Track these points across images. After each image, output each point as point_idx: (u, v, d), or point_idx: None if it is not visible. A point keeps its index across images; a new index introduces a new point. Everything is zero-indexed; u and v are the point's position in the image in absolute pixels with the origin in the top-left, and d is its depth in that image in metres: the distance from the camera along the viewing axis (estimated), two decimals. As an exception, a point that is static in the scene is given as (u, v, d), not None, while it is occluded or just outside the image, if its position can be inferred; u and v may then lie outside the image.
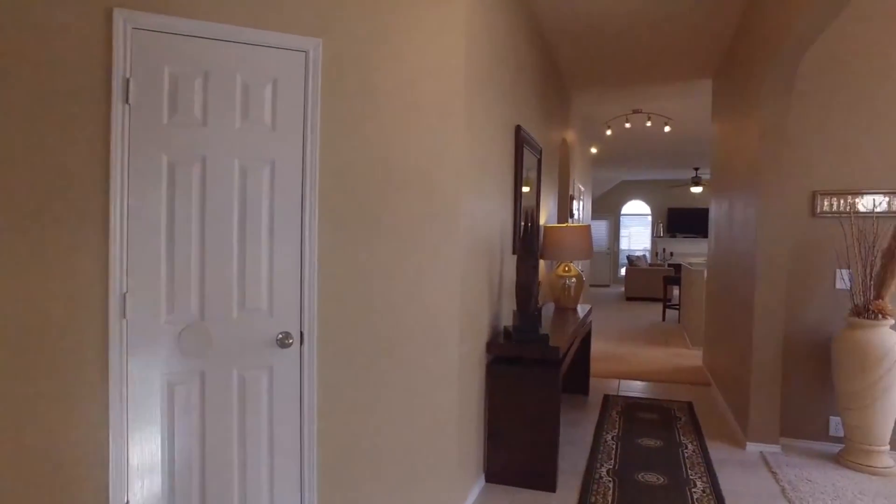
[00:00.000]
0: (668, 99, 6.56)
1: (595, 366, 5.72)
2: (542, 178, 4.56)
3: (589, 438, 3.79)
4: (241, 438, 2.23)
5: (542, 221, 4.58)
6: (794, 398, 3.73)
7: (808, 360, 3.73)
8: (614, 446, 3.64)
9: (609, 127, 7.67)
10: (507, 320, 3.45)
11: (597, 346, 6.81)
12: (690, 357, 6.41)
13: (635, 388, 5.13)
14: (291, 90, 2.23)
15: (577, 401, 4.64)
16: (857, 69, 3.63)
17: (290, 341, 2.25)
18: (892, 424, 3.36)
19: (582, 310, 4.33)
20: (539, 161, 4.35)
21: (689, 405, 4.55)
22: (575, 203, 7.34)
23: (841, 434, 3.65)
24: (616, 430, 3.93)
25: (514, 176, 3.57)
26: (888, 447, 3.38)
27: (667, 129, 7.43)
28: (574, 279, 4.24)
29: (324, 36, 2.29)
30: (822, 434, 3.71)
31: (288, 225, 2.25)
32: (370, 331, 2.43)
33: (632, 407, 4.48)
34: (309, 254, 2.28)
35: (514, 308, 3.11)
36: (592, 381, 5.15)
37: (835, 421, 3.68)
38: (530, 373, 2.93)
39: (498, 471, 3.03)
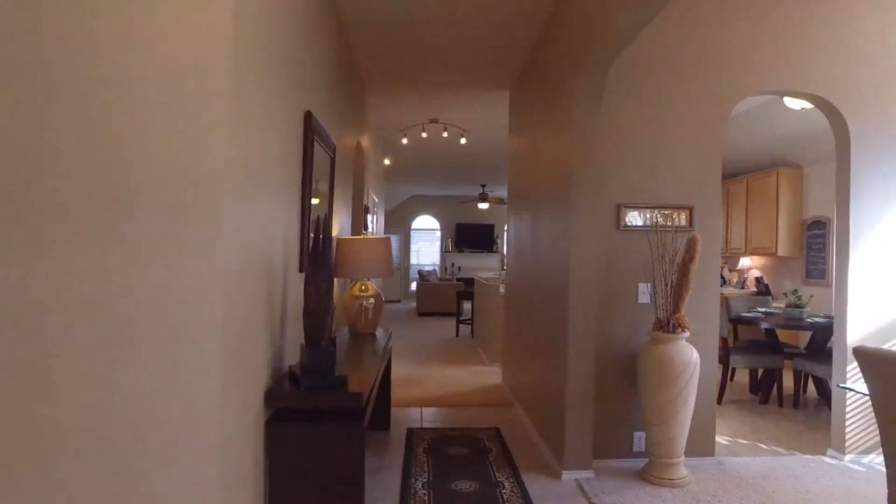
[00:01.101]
0: (466, 109, 6.40)
1: (395, 392, 5.19)
2: (336, 182, 3.87)
3: (397, 489, 3.19)
4: None
5: (334, 234, 3.89)
6: (603, 417, 3.58)
7: (616, 377, 3.62)
8: (426, 496, 3.09)
9: (405, 135, 7.31)
10: (292, 357, 2.67)
11: (395, 369, 6.31)
12: (489, 375, 6.25)
13: (439, 417, 4.69)
14: None
15: (378, 439, 4.02)
16: (659, 79, 3.65)
17: None
18: (687, 434, 3.36)
19: (382, 334, 3.73)
20: (332, 161, 3.67)
21: (498, 432, 4.23)
22: (369, 216, 6.80)
23: (643, 449, 3.58)
24: (426, 475, 3.38)
25: (303, 172, 2.83)
26: (683, 457, 3.38)
27: (463, 140, 7.31)
28: (372, 300, 3.62)
29: None
30: (627, 451, 3.62)
31: None
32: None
33: (439, 441, 4.00)
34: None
35: (303, 341, 2.37)
36: (394, 412, 4.58)
37: (638, 436, 3.61)
38: (325, 431, 2.21)
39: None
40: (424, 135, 7.23)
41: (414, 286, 14.40)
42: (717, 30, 3.71)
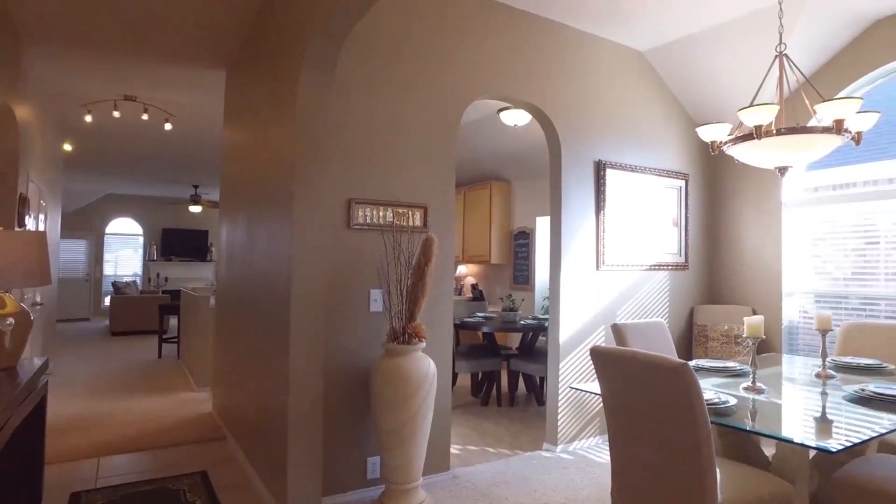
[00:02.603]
0: (172, 89, 5.35)
1: (57, 445, 3.93)
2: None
3: None
4: None
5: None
6: (334, 445, 3.11)
7: (347, 396, 3.19)
8: None
9: (90, 112, 5.84)
10: None
11: (61, 412, 4.88)
12: (197, 402, 5.27)
13: (126, 467, 3.65)
14: None
15: (22, 516, 2.86)
16: (395, 72, 3.37)
17: None
18: (425, 454, 3.12)
19: (27, 368, 2.64)
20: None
21: (205, 477, 3.42)
22: (31, 213, 5.20)
23: (378, 475, 3.23)
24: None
25: None
26: (421, 479, 3.12)
27: (168, 126, 6.15)
28: (11, 320, 2.53)
29: None
30: (361, 480, 3.22)
31: None
32: None
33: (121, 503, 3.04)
34: None
35: None
36: (53, 472, 3.40)
37: (372, 462, 3.24)
38: None
39: None
40: (117, 114, 5.87)
41: (108, 301, 12.02)
42: (452, 32, 3.62)
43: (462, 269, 8.72)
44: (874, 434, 1.99)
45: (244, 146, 4.09)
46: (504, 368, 5.63)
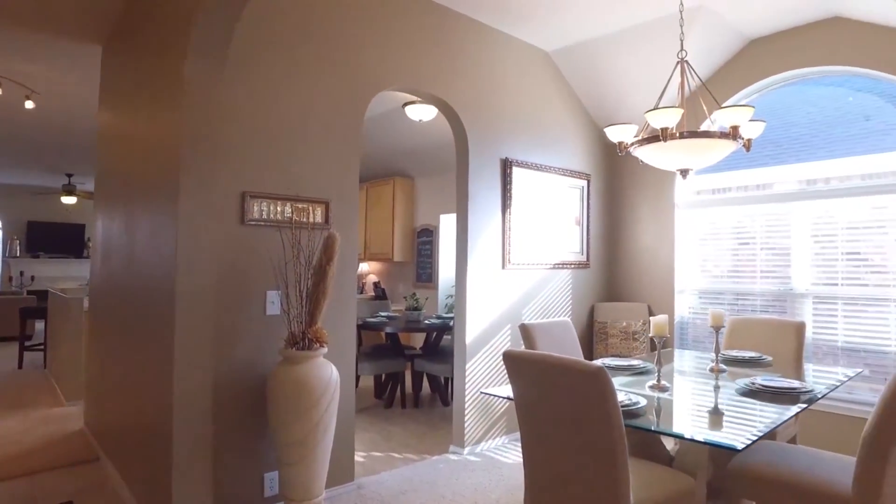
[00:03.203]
0: (35, 61, 4.69)
1: None
2: None
3: None
4: None
5: None
6: (227, 462, 2.83)
7: (241, 408, 2.91)
8: None
9: (-74, 85, 5.01)
10: None
11: None
12: (65, 419, 4.69)
13: (-30, 500, 3.13)
14: None
15: None
16: (297, 57, 3.11)
17: None
18: (328, 467, 2.92)
19: None
20: None
21: (69, 507, 3.01)
22: None
23: (276, 492, 2.99)
24: None
25: None
26: (324, 494, 2.92)
27: (29, 104, 5.41)
28: None
29: None
30: (258, 498, 2.96)
31: None
32: None
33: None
34: None
35: None
36: None
37: (270, 477, 2.99)
38: None
39: None
40: (-39, 89, 5.08)
41: (-44, 304, 10.53)
42: (359, 19, 3.42)
43: (364, 267, 8.50)
44: (768, 428, 2.07)
45: (123, 131, 3.65)
46: (408, 369, 5.50)
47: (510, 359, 2.14)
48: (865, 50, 3.90)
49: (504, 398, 2.46)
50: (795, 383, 2.58)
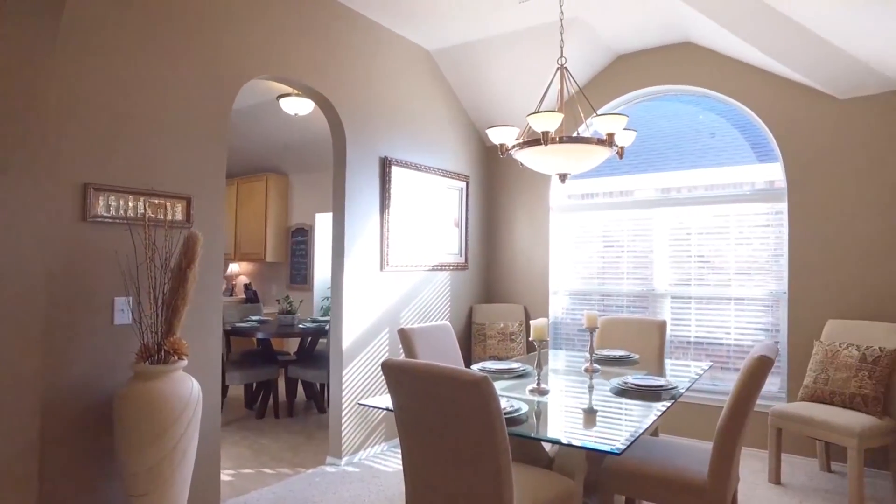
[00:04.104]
0: None
1: None
2: None
3: None
4: None
5: None
6: (61, 498, 2.43)
7: (82, 434, 2.51)
8: None
9: None
10: None
11: None
12: None
13: None
14: None
15: None
16: (156, 32, 2.75)
17: None
18: (188, 493, 2.62)
19: None
20: None
21: None
22: None
23: (123, 526, 2.63)
24: None
25: None
26: (182, 523, 2.61)
27: None
28: None
29: None
30: (98, 536, 2.58)
31: None
32: None
33: None
34: None
35: None
36: None
37: (115, 511, 2.62)
38: None
39: None
40: None
41: None
42: (227, 1, 3.12)
43: (234, 268, 7.95)
44: (643, 428, 2.15)
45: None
46: (281, 376, 5.20)
47: (390, 369, 2.03)
48: (711, 74, 4.29)
49: (384, 409, 2.35)
50: (662, 381, 2.73)
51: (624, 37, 4.35)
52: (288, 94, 5.00)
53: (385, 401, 2.43)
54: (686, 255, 4.46)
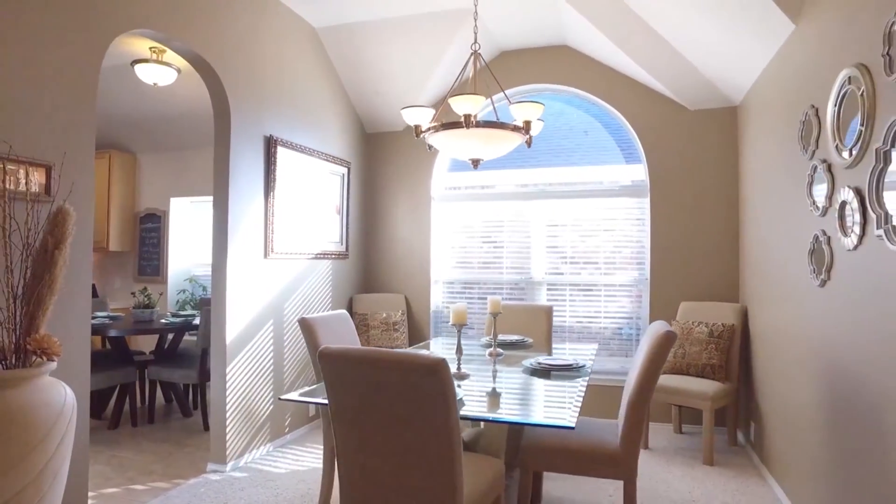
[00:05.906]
0: None
1: None
2: None
3: None
4: None
5: None
6: None
7: None
8: None
9: None
10: None
11: None
12: None
13: None
14: None
15: None
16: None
17: None
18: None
19: None
20: None
21: None
22: None
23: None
24: None
25: None
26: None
27: None
28: None
29: None
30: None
31: None
32: None
33: None
34: None
35: None
36: None
37: (-47, 552, 2.11)
38: None
39: None
40: None
41: None
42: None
43: (61, 259, 6.87)
44: (579, 401, 2.24)
45: None
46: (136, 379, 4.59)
47: (330, 358, 1.87)
48: (585, 77, 4.60)
49: (317, 403, 2.17)
50: (570, 361, 2.87)
51: (510, 34, 4.49)
52: (146, 60, 4.40)
53: (312, 395, 2.25)
54: (560, 245, 4.75)
